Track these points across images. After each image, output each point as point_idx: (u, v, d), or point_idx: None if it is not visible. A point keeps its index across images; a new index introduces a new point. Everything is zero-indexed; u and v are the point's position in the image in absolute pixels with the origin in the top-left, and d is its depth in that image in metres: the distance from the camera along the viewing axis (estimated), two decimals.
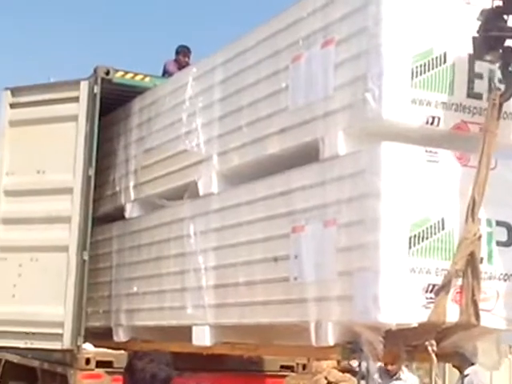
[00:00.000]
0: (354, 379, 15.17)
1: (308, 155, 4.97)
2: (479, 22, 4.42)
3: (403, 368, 7.83)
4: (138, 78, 7.53)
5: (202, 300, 5.87)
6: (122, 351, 7.23)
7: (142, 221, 7.09)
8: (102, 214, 7.91)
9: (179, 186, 6.42)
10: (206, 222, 5.98)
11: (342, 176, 4.62)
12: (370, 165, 4.42)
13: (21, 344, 7.48)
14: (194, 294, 5.98)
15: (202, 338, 5.81)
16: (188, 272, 6.10)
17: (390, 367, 7.71)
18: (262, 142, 5.45)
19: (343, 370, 16.76)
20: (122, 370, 7.18)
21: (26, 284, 7.41)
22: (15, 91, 7.83)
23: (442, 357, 4.74)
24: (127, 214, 7.32)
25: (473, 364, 7.20)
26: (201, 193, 6.08)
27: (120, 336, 7.16)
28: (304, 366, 8.02)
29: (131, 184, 7.26)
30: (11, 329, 7.46)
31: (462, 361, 5.20)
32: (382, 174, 4.35)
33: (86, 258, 7.05)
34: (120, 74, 7.39)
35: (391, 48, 4.46)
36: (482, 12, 4.43)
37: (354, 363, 10.94)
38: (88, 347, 7.16)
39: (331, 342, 4.61)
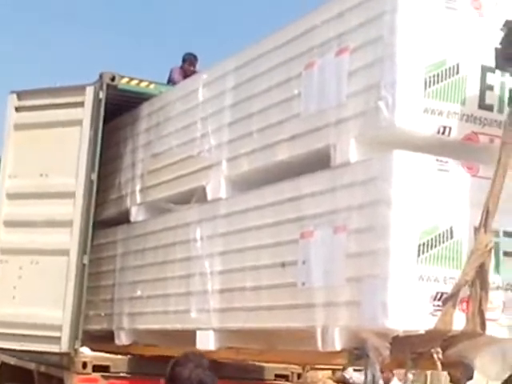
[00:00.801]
0: None
1: (318, 162, 5.01)
2: (501, 33, 4.44)
3: (395, 378, 7.81)
4: (143, 84, 7.60)
5: (207, 304, 5.89)
6: (120, 356, 7.31)
7: (147, 224, 7.11)
8: (106, 218, 7.95)
9: (187, 191, 6.45)
10: (213, 226, 6.01)
11: (353, 183, 4.66)
12: (381, 172, 4.46)
13: (18, 346, 7.51)
14: (199, 298, 6.00)
15: (206, 343, 5.82)
16: (193, 276, 6.12)
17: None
18: (272, 149, 5.49)
19: (338, 381, 16.73)
20: (118, 375, 7.26)
21: (25, 286, 7.45)
22: (21, 95, 7.89)
23: (447, 366, 4.75)
24: (132, 218, 7.34)
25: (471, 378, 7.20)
26: (209, 197, 6.11)
27: (122, 339, 7.18)
28: (299, 376, 8.01)
29: (137, 188, 7.28)
30: (10, 331, 7.49)
31: (465, 370, 5.21)
32: (393, 181, 4.39)
33: (86, 262, 7.09)
34: (125, 80, 7.44)
35: (405, 57, 4.51)
36: (506, 23, 4.46)
37: (347, 374, 10.98)
38: (85, 351, 7.18)
39: (338, 347, 4.63)
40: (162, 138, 6.91)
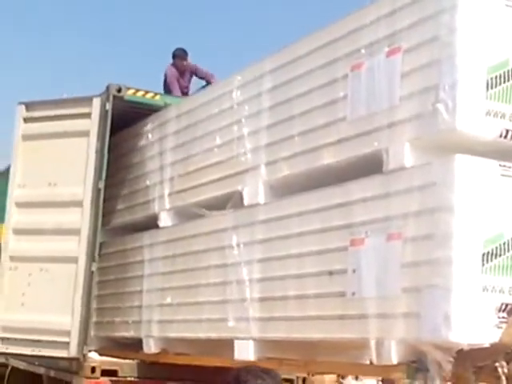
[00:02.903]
0: None
1: (368, 166, 4.82)
2: None
3: None
4: (149, 95, 7.75)
5: (246, 313, 5.69)
6: (128, 360, 7.45)
7: (177, 230, 6.91)
8: (131, 223, 7.78)
9: (221, 196, 6.24)
10: (250, 232, 5.81)
11: (409, 188, 4.46)
12: (442, 178, 4.26)
13: (28, 351, 7.67)
14: (237, 306, 5.80)
15: (245, 353, 5.62)
16: (230, 284, 5.92)
17: None
18: (315, 153, 5.29)
19: None
20: (126, 379, 7.43)
21: (34, 293, 7.61)
22: (29, 106, 8.06)
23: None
24: (161, 223, 7.14)
25: None
26: (246, 203, 5.91)
27: (151, 347, 6.98)
28: (304, 380, 8.11)
29: (166, 192, 7.09)
30: (20, 336, 7.65)
31: None
32: (455, 187, 4.19)
33: (93, 269, 7.27)
34: (131, 91, 7.58)
35: (466, 58, 4.30)
36: None
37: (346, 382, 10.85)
38: (94, 356, 7.36)
39: (395, 361, 4.43)
40: (194, 140, 6.70)
